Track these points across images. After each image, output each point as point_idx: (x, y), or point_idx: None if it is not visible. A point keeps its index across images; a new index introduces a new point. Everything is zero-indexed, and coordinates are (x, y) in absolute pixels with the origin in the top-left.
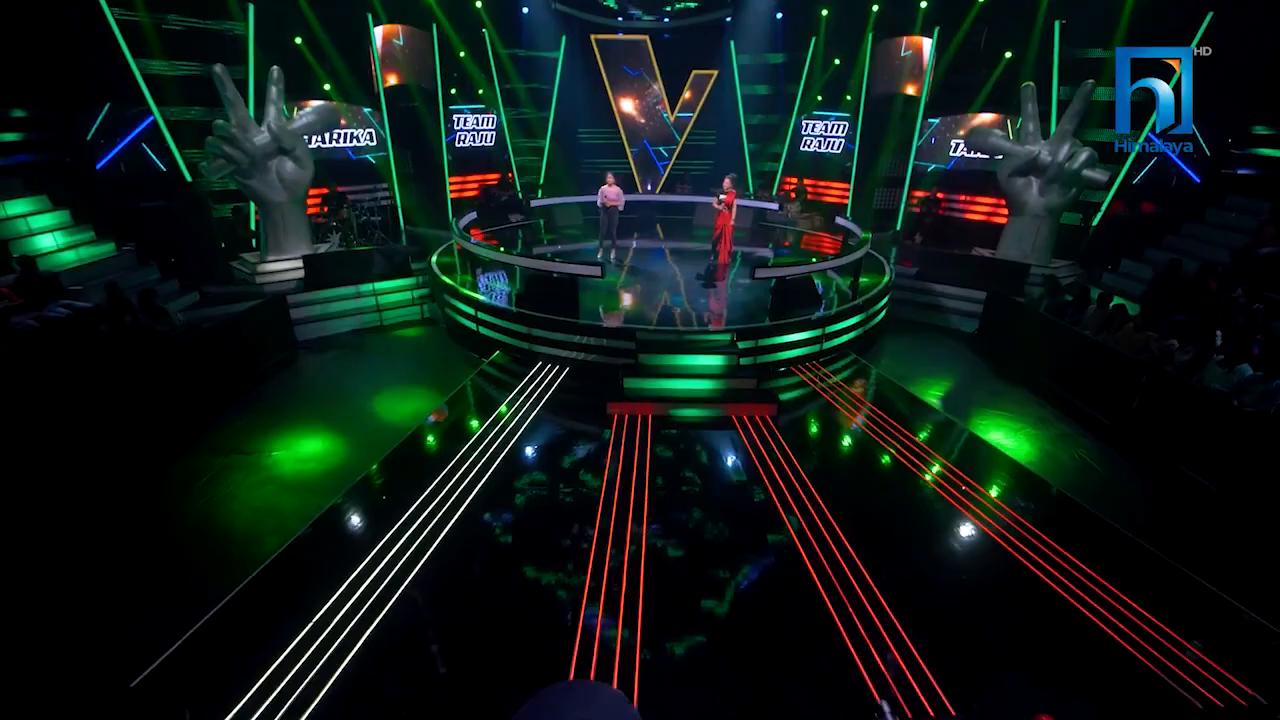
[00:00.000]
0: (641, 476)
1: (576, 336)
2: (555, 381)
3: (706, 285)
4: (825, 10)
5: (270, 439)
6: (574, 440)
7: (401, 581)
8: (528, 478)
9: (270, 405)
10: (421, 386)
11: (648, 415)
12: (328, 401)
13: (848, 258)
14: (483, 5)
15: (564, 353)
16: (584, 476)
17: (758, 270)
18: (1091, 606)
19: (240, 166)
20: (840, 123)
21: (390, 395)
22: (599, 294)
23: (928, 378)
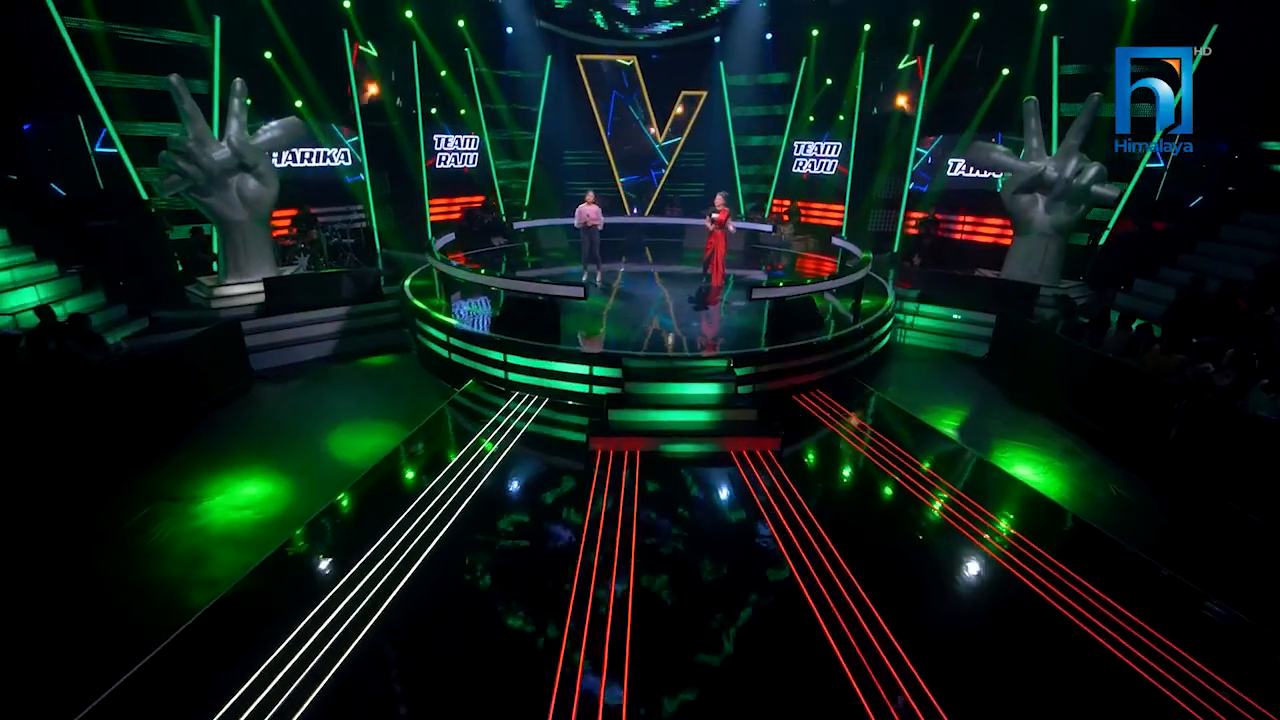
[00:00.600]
0: (628, 521)
1: (557, 364)
2: (533, 413)
3: (699, 308)
4: (816, 30)
5: (206, 482)
6: (552, 480)
7: (345, 648)
8: (498, 524)
9: (214, 442)
10: (385, 420)
11: (635, 451)
12: (278, 437)
13: (849, 277)
14: (465, 24)
15: (543, 381)
16: (562, 522)
17: (755, 291)
18: (1140, 660)
19: (196, 183)
20: (833, 144)
21: (349, 430)
22: (583, 318)
23: (940, 405)
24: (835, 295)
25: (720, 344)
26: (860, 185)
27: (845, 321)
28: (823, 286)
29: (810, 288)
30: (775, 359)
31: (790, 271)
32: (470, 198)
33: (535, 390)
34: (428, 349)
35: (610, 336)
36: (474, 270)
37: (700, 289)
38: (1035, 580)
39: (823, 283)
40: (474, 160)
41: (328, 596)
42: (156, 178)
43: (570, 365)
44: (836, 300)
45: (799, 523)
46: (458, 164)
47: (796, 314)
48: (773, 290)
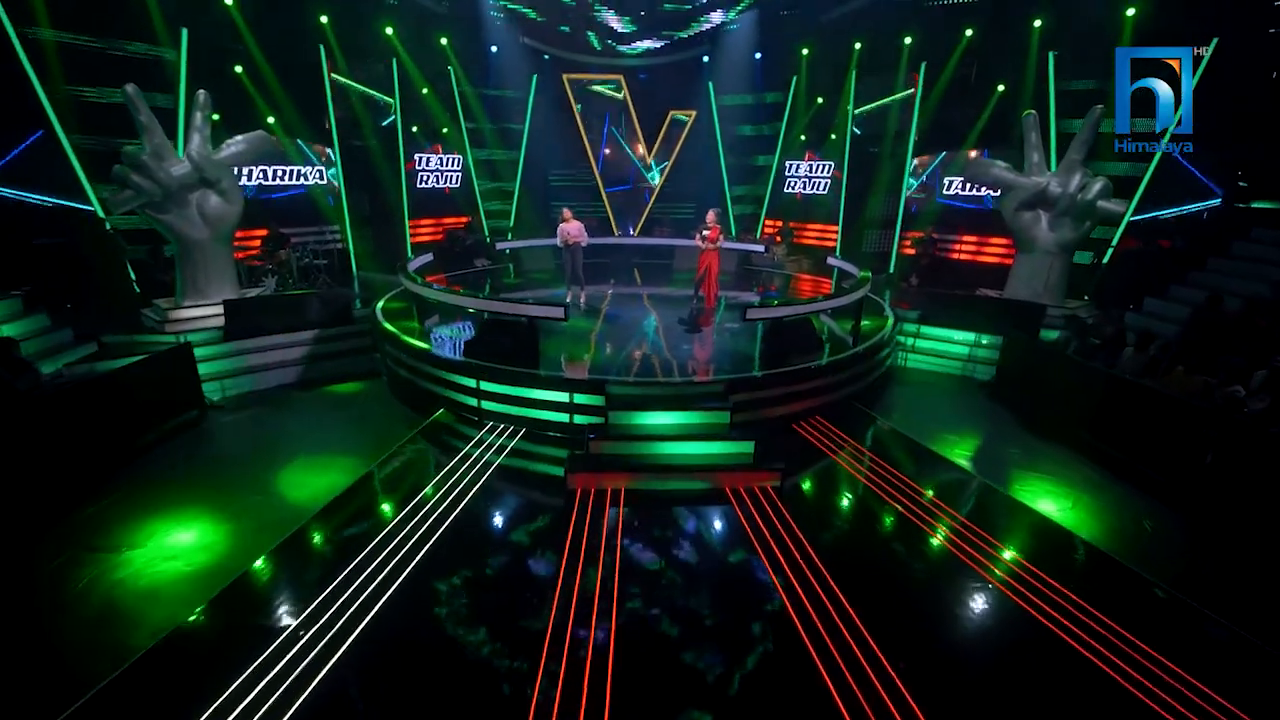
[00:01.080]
0: (610, 568)
1: (534, 391)
2: (509, 445)
3: (690, 331)
4: (806, 49)
5: (135, 526)
6: (526, 522)
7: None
8: (463, 573)
9: (152, 480)
10: (345, 454)
11: (620, 488)
12: (224, 475)
13: (848, 297)
14: (448, 42)
15: (519, 410)
16: (535, 569)
17: (749, 311)
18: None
19: (152, 199)
20: (826, 163)
21: (303, 466)
22: (565, 342)
23: (949, 433)
24: (832, 317)
25: (713, 369)
26: (854, 205)
27: (844, 344)
28: (820, 306)
29: (807, 308)
30: (771, 384)
31: (784, 293)
32: (453, 219)
33: (511, 420)
34: (398, 375)
35: (594, 361)
36: (448, 291)
37: (692, 310)
38: (1068, 630)
39: (820, 303)
40: (457, 180)
41: (256, 663)
42: (106, 192)
43: (549, 393)
44: (834, 322)
45: (803, 570)
46: (440, 184)
47: (793, 336)
48: (768, 311)
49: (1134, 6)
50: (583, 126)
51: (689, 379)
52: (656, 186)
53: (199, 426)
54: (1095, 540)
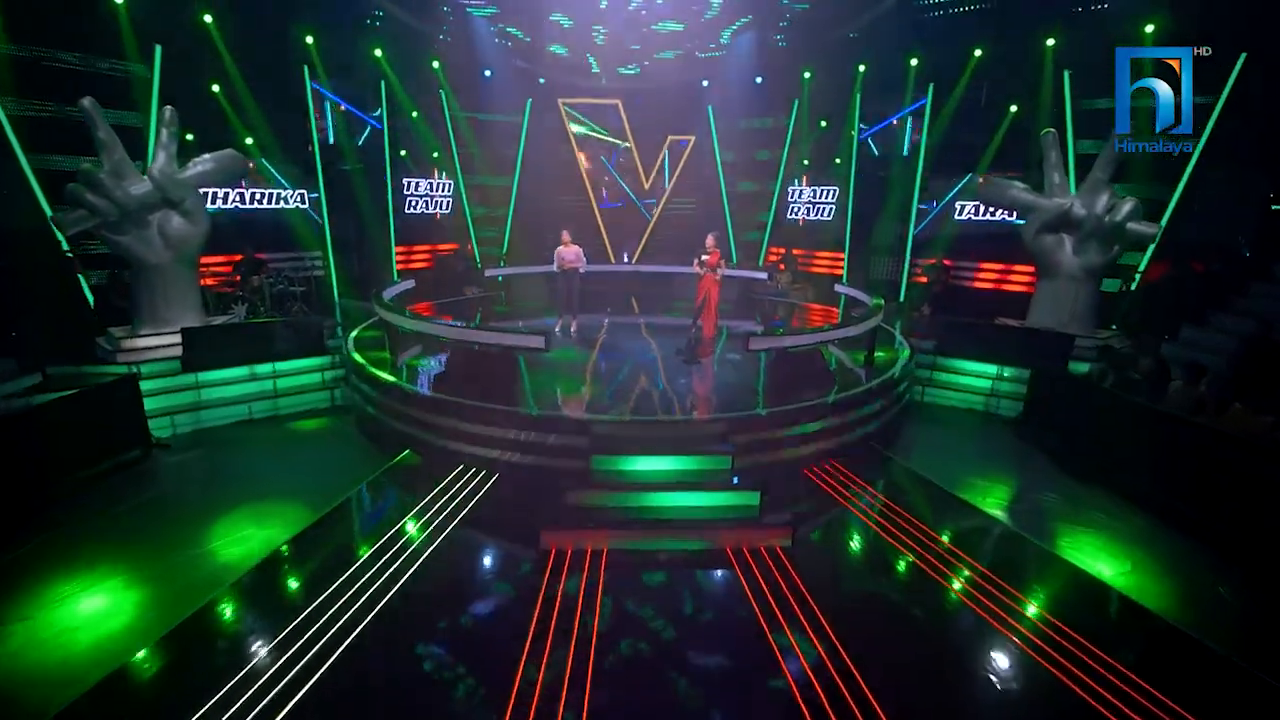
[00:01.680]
0: (584, 647)
1: (508, 431)
2: (479, 492)
3: (688, 363)
4: (807, 73)
5: (38, 591)
6: (486, 589)
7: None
8: (404, 657)
9: (74, 530)
10: (294, 500)
11: (600, 548)
12: (153, 526)
13: (860, 326)
14: (440, 65)
15: (490, 452)
16: (493, 650)
17: (751, 341)
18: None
19: (107, 218)
20: (831, 188)
21: (245, 514)
22: (550, 375)
23: (977, 478)
24: (841, 349)
25: (712, 406)
26: (861, 231)
27: (857, 378)
28: (830, 336)
29: (816, 337)
30: (778, 424)
31: (789, 322)
32: (443, 245)
33: (482, 463)
34: (365, 412)
35: (579, 396)
36: (419, 318)
37: (689, 340)
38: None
39: (829, 332)
40: (448, 205)
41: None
42: (59, 213)
43: (525, 432)
44: (844, 354)
45: (820, 656)
46: (429, 209)
47: (801, 370)
48: (772, 340)
49: (1153, 22)
50: (578, 151)
51: (685, 417)
52: (654, 215)
53: (138, 467)
54: (1167, 613)
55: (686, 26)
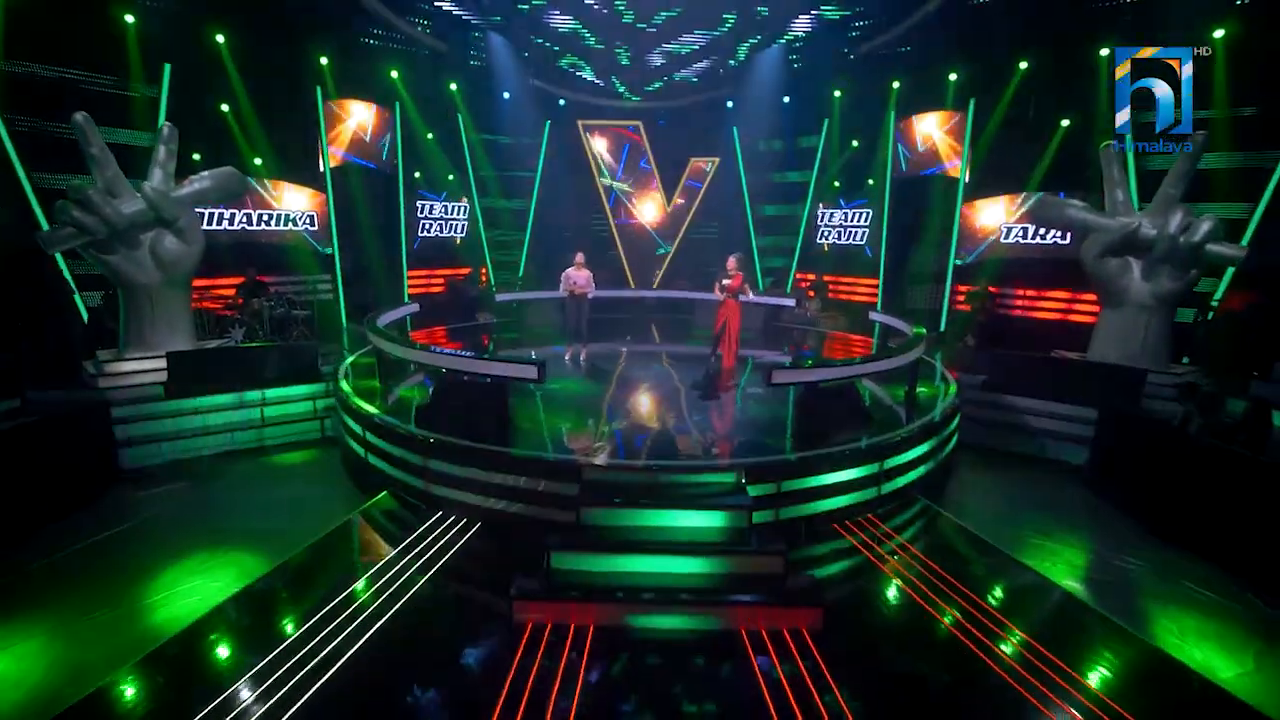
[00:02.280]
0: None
1: (488, 474)
2: (452, 548)
3: (704, 398)
4: (838, 91)
5: None
6: (445, 670)
7: None
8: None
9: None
10: (253, 546)
11: (586, 625)
12: (92, 572)
13: (901, 358)
14: (458, 87)
15: (468, 498)
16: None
17: (775, 374)
18: None
19: (95, 237)
20: (863, 211)
21: (197, 562)
22: (549, 409)
23: (1041, 537)
24: (878, 384)
25: (731, 447)
26: (896, 256)
27: (897, 417)
28: (866, 369)
29: (849, 370)
30: (806, 470)
31: (820, 353)
32: (456, 269)
33: (463, 510)
34: (348, 445)
35: (577, 435)
36: (408, 344)
37: (707, 372)
38: None
39: (865, 364)
40: (463, 229)
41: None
42: (44, 231)
43: (506, 475)
44: (881, 390)
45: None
46: (444, 233)
47: (834, 407)
48: (800, 373)
49: (1224, 27)
50: (597, 175)
51: (695, 462)
52: (677, 238)
53: (102, 502)
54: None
55: (703, 43)
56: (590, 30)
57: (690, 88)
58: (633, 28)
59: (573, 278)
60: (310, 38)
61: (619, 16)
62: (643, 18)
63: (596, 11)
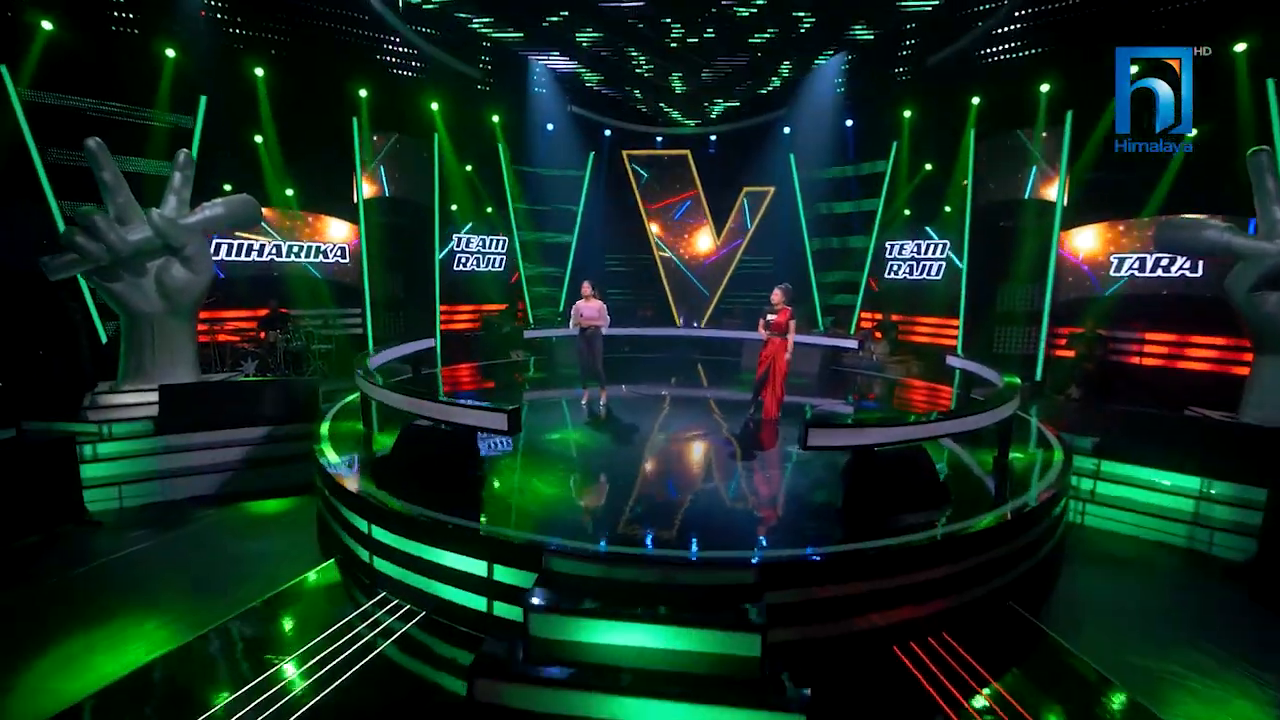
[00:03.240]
0: None
1: (437, 553)
2: (394, 633)
3: (740, 456)
4: (908, 111)
5: None
6: None
7: None
8: None
9: None
10: (179, 613)
11: None
12: (5, 633)
13: (990, 413)
14: (500, 119)
15: (416, 580)
16: None
17: (813, 433)
18: None
19: (99, 264)
20: (939, 242)
21: (111, 629)
22: (530, 468)
23: (1191, 674)
24: (960, 445)
25: (755, 531)
26: (980, 293)
27: (983, 494)
28: (941, 429)
29: (918, 430)
30: (849, 571)
31: (888, 404)
32: (492, 305)
33: (406, 595)
34: (324, 496)
35: (557, 505)
36: (377, 383)
37: (747, 423)
38: None
39: (939, 423)
40: (500, 263)
41: None
42: (46, 257)
43: (459, 558)
44: (962, 450)
45: None
46: (481, 267)
47: (896, 478)
48: (848, 433)
49: None
50: (643, 206)
51: (690, 554)
52: (726, 273)
53: (56, 548)
54: None
55: (750, 61)
56: (640, 53)
57: (742, 111)
58: (681, 48)
59: (581, 310)
60: (350, 70)
61: (665, 36)
62: (692, 34)
63: (643, 34)
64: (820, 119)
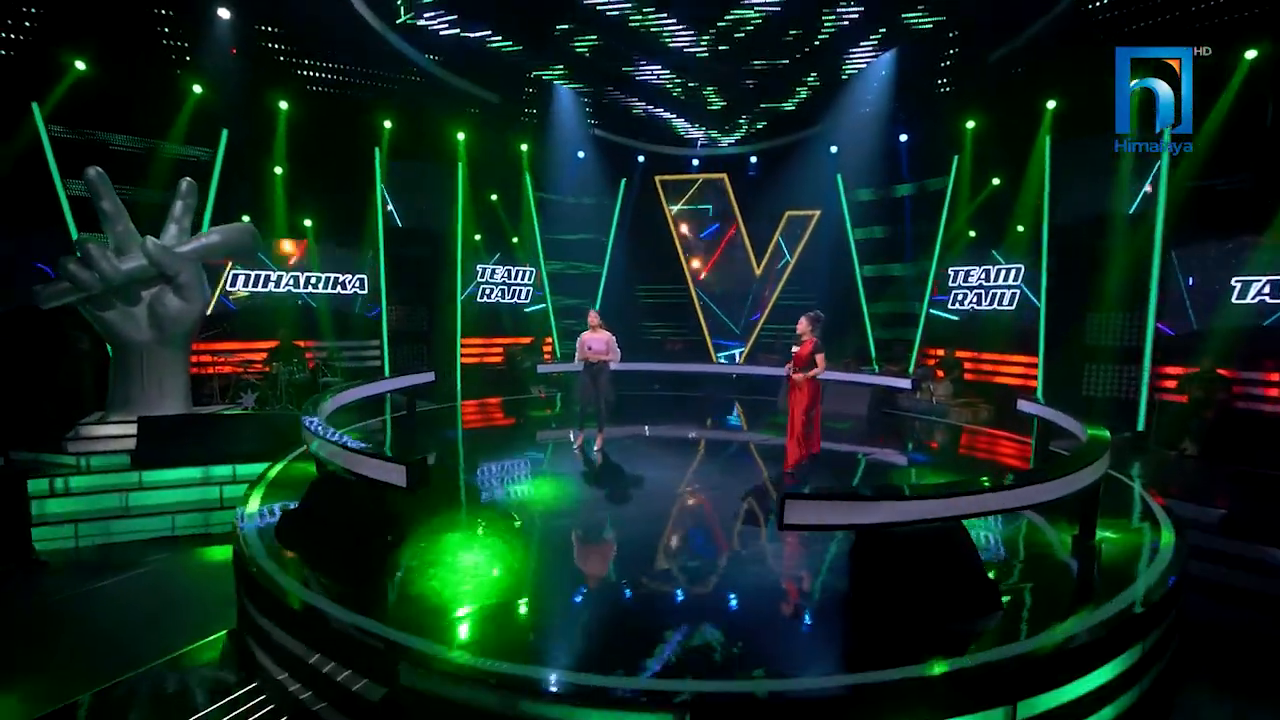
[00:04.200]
0: None
1: (303, 646)
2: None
3: (744, 525)
4: (971, 121)
5: None
6: None
7: None
8: None
9: None
10: (50, 681)
11: None
12: None
13: (1066, 478)
14: (529, 148)
15: (280, 674)
16: None
17: (789, 509)
18: None
19: (90, 292)
20: (1011, 267)
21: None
22: (479, 537)
23: None
24: (1043, 516)
25: (710, 642)
26: (1063, 324)
27: (1057, 588)
28: (986, 504)
29: (952, 503)
30: (838, 713)
31: (949, 456)
32: (517, 339)
33: (276, 690)
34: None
35: (464, 587)
36: (301, 417)
37: (777, 478)
38: None
39: (983, 495)
40: (526, 295)
41: None
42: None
43: (313, 654)
44: (1044, 522)
45: None
46: (506, 298)
47: (922, 569)
48: (844, 508)
49: None
50: (676, 235)
51: (586, 683)
52: (768, 304)
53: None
54: None
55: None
56: (675, 74)
57: (781, 127)
58: (712, 60)
59: (588, 342)
60: (372, 101)
61: (699, 47)
62: (723, 40)
63: (678, 50)
64: (869, 135)
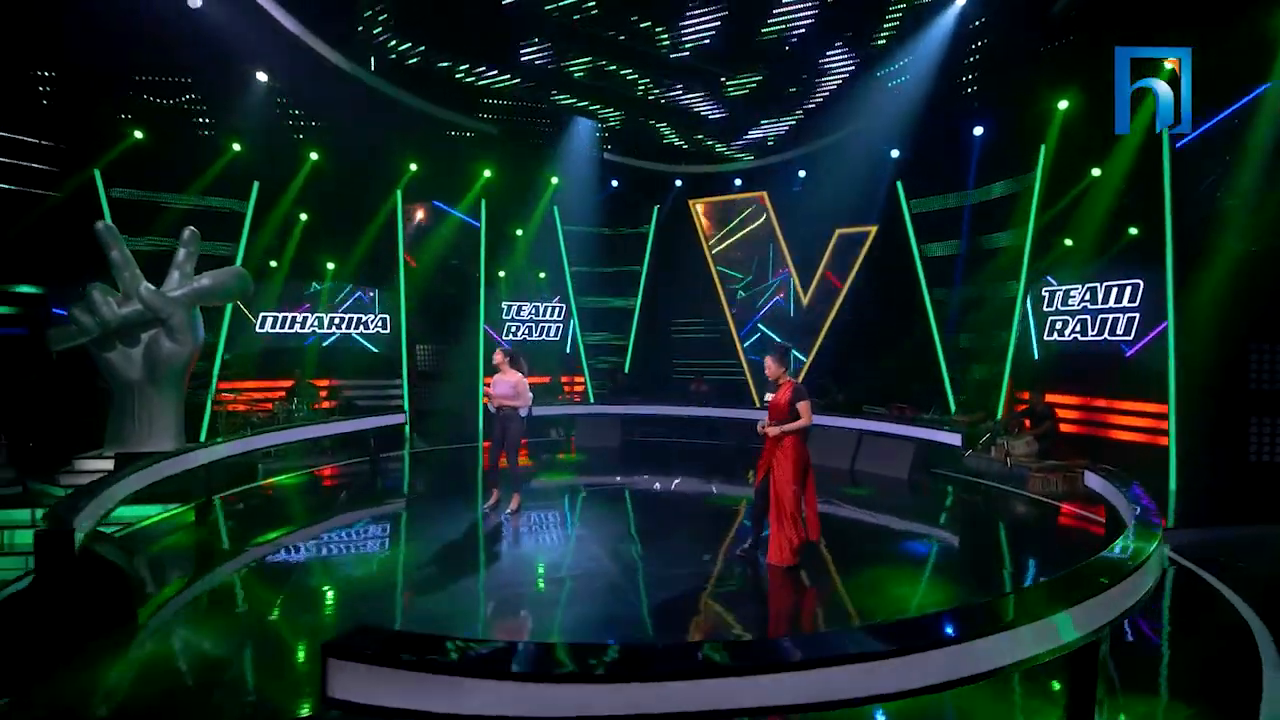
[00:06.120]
0: None
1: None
2: None
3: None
4: (1064, 101)
5: None
6: None
7: None
8: None
9: None
10: None
11: None
12: None
13: (1005, 637)
14: (558, 180)
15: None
16: None
17: (336, 669)
18: None
19: (90, 335)
20: (1125, 284)
21: None
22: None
23: None
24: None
25: None
26: (1197, 360)
27: None
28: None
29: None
30: None
31: (1021, 543)
32: (539, 378)
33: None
34: None
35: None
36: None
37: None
38: None
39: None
40: (555, 332)
41: None
42: (50, 329)
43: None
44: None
45: None
46: (534, 335)
47: None
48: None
49: None
50: (712, 264)
51: None
52: (818, 338)
53: None
54: None
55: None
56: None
57: (831, 125)
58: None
59: (494, 385)
60: (398, 144)
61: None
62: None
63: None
64: (935, 133)
